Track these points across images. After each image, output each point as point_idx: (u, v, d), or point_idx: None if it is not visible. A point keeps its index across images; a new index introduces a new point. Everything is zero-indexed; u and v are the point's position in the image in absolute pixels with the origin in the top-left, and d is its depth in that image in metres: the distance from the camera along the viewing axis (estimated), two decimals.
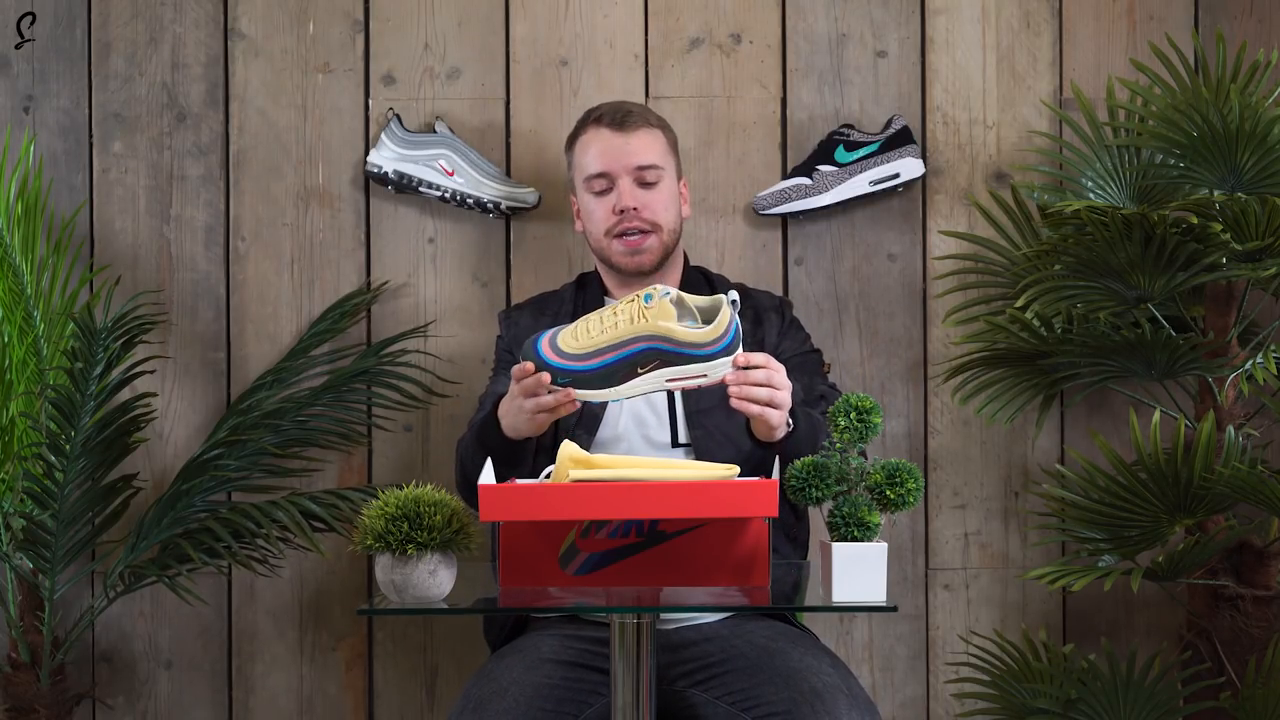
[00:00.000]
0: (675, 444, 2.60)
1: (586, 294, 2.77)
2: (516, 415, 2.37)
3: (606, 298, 2.75)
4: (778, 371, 2.32)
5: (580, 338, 2.27)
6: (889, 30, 3.09)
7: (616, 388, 2.26)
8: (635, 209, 2.66)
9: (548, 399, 2.28)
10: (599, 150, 2.68)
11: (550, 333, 2.29)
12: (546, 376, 2.27)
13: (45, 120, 3.09)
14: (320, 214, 3.09)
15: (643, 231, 2.67)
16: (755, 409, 2.31)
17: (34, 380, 2.90)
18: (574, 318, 2.70)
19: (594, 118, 2.72)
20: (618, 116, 2.69)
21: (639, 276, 2.69)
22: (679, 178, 2.75)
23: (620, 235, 2.67)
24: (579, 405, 2.34)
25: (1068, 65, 3.09)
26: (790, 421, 2.40)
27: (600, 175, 2.68)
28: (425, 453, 3.08)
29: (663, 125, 2.74)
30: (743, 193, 3.08)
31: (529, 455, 2.48)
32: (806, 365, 2.69)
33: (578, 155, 2.73)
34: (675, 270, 2.76)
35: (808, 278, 3.08)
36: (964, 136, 3.09)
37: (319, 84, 3.09)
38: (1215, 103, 2.78)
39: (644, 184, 2.67)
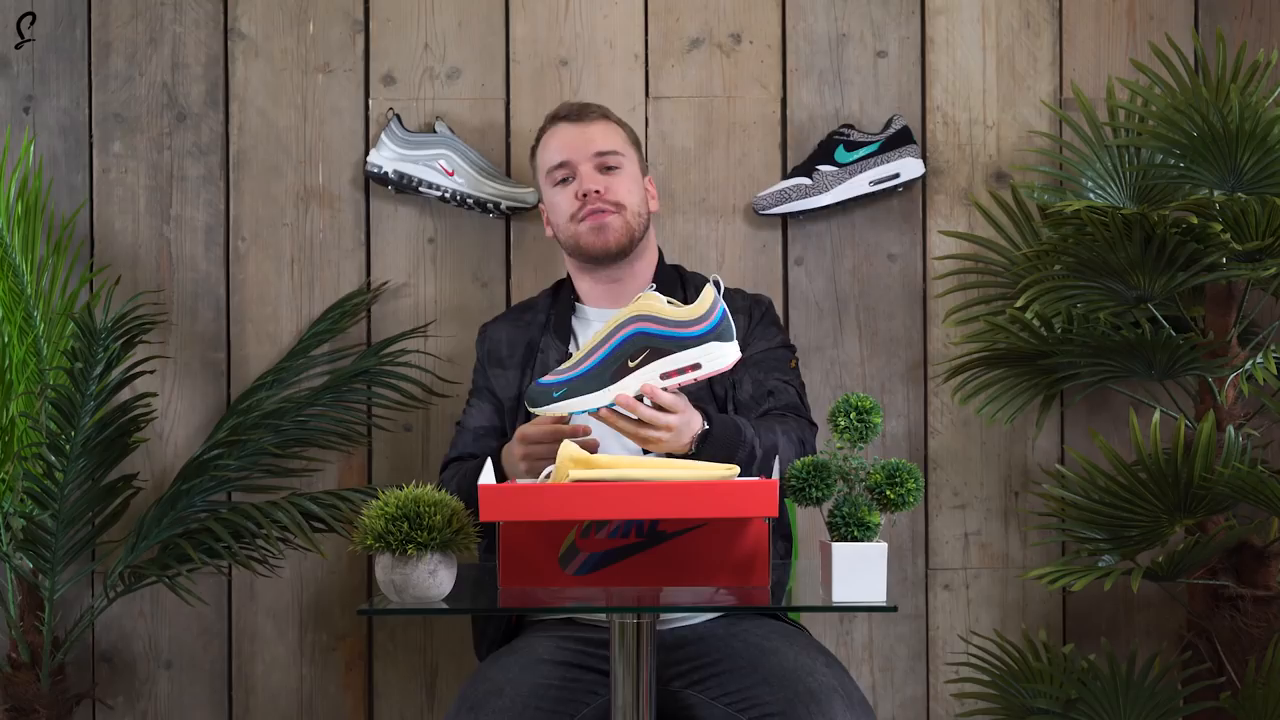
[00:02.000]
0: (647, 451, 2.59)
1: (560, 300, 2.76)
2: (516, 465, 2.46)
3: (578, 304, 2.74)
4: (666, 421, 2.30)
5: (574, 357, 2.29)
6: (889, 30, 3.09)
7: (609, 387, 2.26)
8: (598, 191, 2.66)
9: (539, 436, 2.40)
10: (559, 143, 2.71)
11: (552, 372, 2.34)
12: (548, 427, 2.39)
13: (45, 120, 3.09)
14: (320, 214, 3.09)
15: (606, 212, 2.67)
16: (626, 428, 2.32)
17: (34, 380, 2.90)
18: (548, 325, 2.71)
19: (551, 116, 2.76)
20: (574, 110, 2.74)
21: (608, 260, 2.68)
22: (643, 173, 2.76)
23: (585, 217, 2.67)
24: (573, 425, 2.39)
25: (1068, 65, 3.09)
26: (705, 426, 2.39)
27: (561, 165, 2.70)
28: (425, 453, 3.08)
29: (622, 123, 2.76)
30: (743, 193, 3.09)
31: None
32: (766, 362, 2.66)
33: (540, 155, 2.75)
34: (648, 265, 2.74)
35: (808, 278, 3.08)
36: (964, 136, 3.09)
37: (319, 84, 3.09)
38: (1215, 103, 2.78)
39: (605, 169, 2.69)
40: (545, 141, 2.74)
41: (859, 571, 2.03)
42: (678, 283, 2.75)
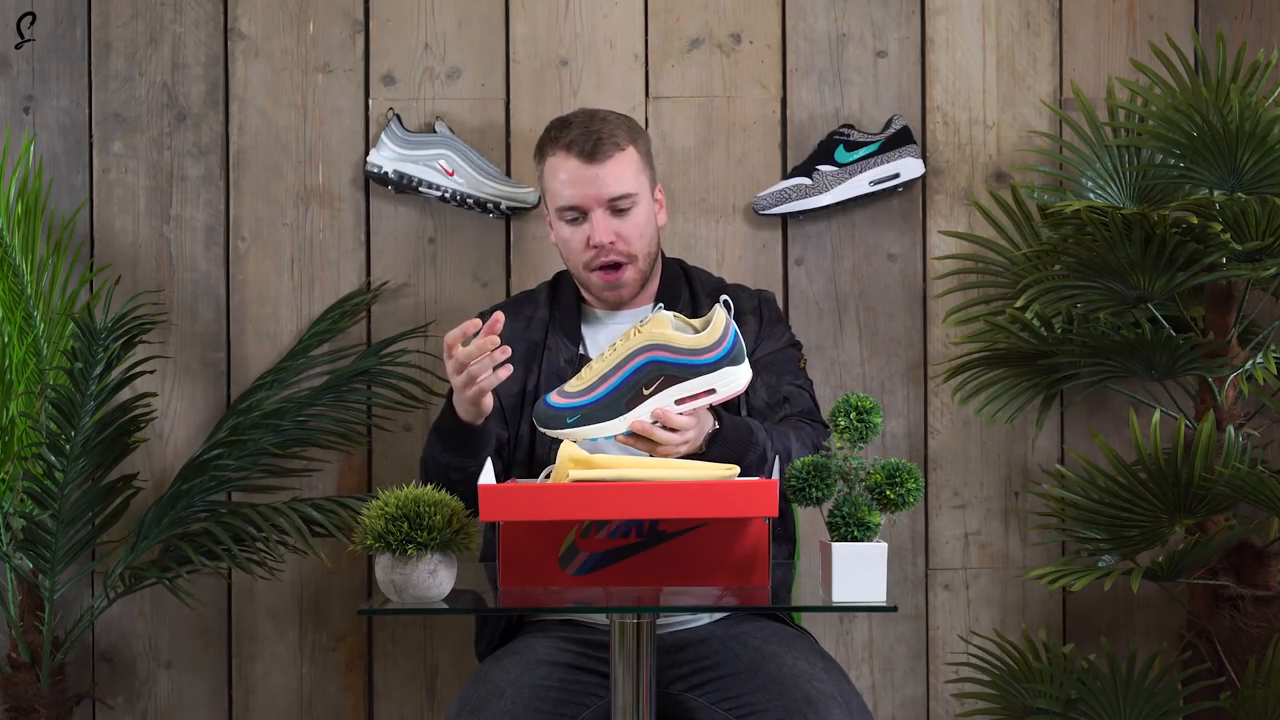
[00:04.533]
0: None
1: (562, 298, 2.73)
2: (457, 399, 2.41)
3: (582, 305, 2.72)
4: (683, 439, 2.31)
5: (584, 378, 2.28)
6: (889, 30, 3.09)
7: (624, 415, 2.26)
8: (611, 242, 2.60)
9: (472, 363, 2.32)
10: (569, 180, 2.60)
11: (557, 388, 2.32)
12: (470, 327, 2.32)
13: (45, 120, 3.09)
14: (320, 214, 3.09)
15: (619, 265, 2.62)
16: (643, 448, 2.32)
17: (34, 380, 2.90)
18: (550, 319, 2.70)
19: (564, 142, 2.61)
20: (588, 146, 2.58)
21: (617, 307, 2.68)
22: (654, 186, 2.68)
23: (597, 269, 2.62)
24: (507, 362, 2.34)
25: (1068, 65, 3.09)
26: (715, 425, 2.40)
27: (572, 208, 2.61)
28: None
29: (634, 138, 2.64)
30: (743, 193, 3.09)
31: (484, 446, 2.48)
32: (776, 365, 2.65)
33: (547, 178, 2.65)
34: (654, 277, 2.71)
35: (808, 278, 3.08)
36: (964, 136, 3.09)
37: (319, 84, 3.09)
38: (1215, 103, 2.78)
39: (618, 210, 2.61)
40: (553, 168, 2.62)
41: (859, 571, 2.03)
42: (682, 281, 2.73)
